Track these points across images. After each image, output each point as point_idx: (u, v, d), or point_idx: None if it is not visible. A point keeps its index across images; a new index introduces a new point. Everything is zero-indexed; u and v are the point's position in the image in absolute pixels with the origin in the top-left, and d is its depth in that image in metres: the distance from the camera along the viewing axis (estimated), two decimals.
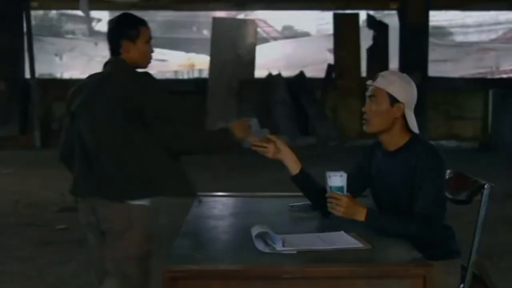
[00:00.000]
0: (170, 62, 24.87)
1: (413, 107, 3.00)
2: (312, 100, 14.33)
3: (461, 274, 3.07)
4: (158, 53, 23.51)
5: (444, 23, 26.35)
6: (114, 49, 3.37)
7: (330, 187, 2.88)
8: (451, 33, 29.39)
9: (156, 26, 30.78)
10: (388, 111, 2.98)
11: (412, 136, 3.01)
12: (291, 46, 26.49)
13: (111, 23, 3.43)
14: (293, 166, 3.14)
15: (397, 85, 2.99)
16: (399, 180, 2.97)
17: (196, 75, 23.52)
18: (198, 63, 23.32)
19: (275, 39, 29.14)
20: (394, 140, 3.02)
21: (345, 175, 2.88)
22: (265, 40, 27.28)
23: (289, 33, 31.13)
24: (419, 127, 3.04)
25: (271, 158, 3.14)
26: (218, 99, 14.15)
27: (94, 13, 28.49)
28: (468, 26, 28.03)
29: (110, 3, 16.48)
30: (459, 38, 28.91)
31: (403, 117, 2.98)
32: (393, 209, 2.98)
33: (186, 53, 25.83)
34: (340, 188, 2.86)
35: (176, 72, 24.68)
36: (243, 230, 2.78)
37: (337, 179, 2.87)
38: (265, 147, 3.15)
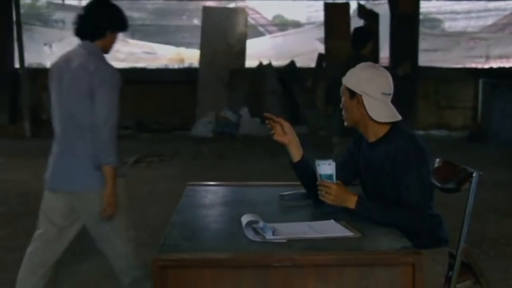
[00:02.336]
0: (159, 55, 24.76)
1: (377, 96, 2.97)
2: (303, 89, 14.32)
3: (449, 262, 3.09)
4: (147, 46, 23.15)
5: (433, 10, 26.34)
6: (357, 46, 6.29)
7: (320, 175, 2.90)
8: (441, 22, 29.39)
9: (146, 14, 30.67)
10: (350, 104, 3.03)
11: (393, 126, 3.02)
12: (282, 36, 26.45)
13: (363, 31, 6.44)
14: (296, 152, 3.16)
15: (354, 78, 3.03)
16: (381, 170, 2.99)
17: (186, 64, 23.42)
18: (187, 57, 23.20)
19: (263, 26, 29.05)
20: (372, 131, 3.04)
21: (333, 163, 2.90)
22: (255, 28, 27.20)
23: (280, 22, 31.06)
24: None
25: (276, 139, 3.14)
26: (209, 89, 14.12)
27: (84, 3, 28.39)
28: (457, 12, 28.03)
29: None
30: (448, 25, 28.92)
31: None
32: (379, 198, 2.99)
33: (176, 47, 25.74)
34: (330, 176, 2.88)
35: (166, 65, 24.60)
36: (233, 219, 2.79)
37: (326, 167, 2.89)
38: (276, 122, 3.14)
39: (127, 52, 24.06)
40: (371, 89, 2.97)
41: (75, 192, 3.57)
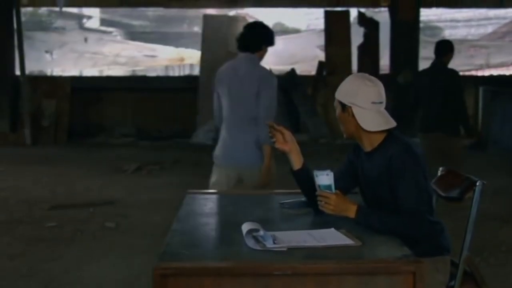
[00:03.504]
0: (159, 57, 24.81)
1: (367, 106, 2.97)
2: (303, 97, 14.33)
3: (451, 270, 3.08)
4: (147, 48, 23.10)
5: (434, 18, 26.41)
6: (440, 54, 7.13)
7: (319, 186, 2.91)
8: (441, 30, 29.45)
9: (147, 22, 30.74)
10: (343, 117, 3.05)
11: (388, 134, 3.02)
12: (282, 43, 26.47)
13: (448, 41, 7.40)
14: (297, 160, 3.16)
15: (343, 90, 3.05)
16: (378, 179, 2.99)
17: (186, 70, 23.42)
18: (187, 58, 23.25)
19: None
20: (367, 141, 3.04)
21: (331, 174, 2.90)
22: None
23: (279, 29, 31.11)
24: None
25: (277, 147, 3.14)
26: (209, 97, 14.11)
27: (85, 10, 28.43)
28: (457, 21, 28.09)
29: (100, 0, 16.44)
30: (448, 33, 28.97)
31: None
32: (378, 207, 2.99)
33: (175, 48, 25.80)
34: (328, 186, 2.89)
35: (166, 67, 24.62)
36: (233, 227, 2.78)
37: (324, 178, 2.90)
38: (277, 130, 3.14)
39: (128, 56, 24.11)
40: (360, 99, 2.98)
41: (243, 166, 4.60)
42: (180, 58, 23.94)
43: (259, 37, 4.78)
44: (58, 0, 11.63)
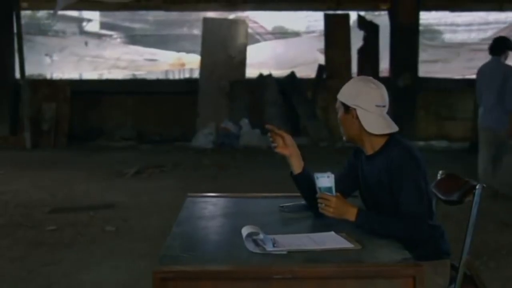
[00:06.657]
0: (160, 62, 24.80)
1: (371, 108, 2.98)
2: (303, 100, 14.33)
3: (451, 274, 3.08)
4: (148, 53, 23.00)
5: (433, 21, 26.40)
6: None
7: (319, 188, 2.90)
8: (441, 33, 29.46)
9: (147, 25, 30.77)
10: (345, 119, 3.05)
11: (389, 138, 3.02)
12: (282, 46, 26.47)
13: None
14: (297, 164, 3.16)
15: (347, 92, 3.05)
16: (379, 183, 2.99)
17: (187, 74, 23.42)
18: (188, 62, 23.24)
19: (261, 35, 29.08)
20: (369, 144, 3.04)
21: (332, 176, 2.90)
22: (256, 40, 27.27)
23: (279, 32, 31.12)
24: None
25: (277, 151, 3.14)
26: (209, 100, 14.13)
27: (85, 14, 28.46)
28: (457, 25, 28.08)
29: (101, 4, 16.44)
30: (448, 37, 28.96)
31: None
32: (378, 211, 2.99)
33: (176, 52, 25.79)
34: (329, 189, 2.88)
35: (166, 71, 24.60)
36: (233, 230, 2.78)
37: (324, 180, 2.89)
38: (277, 134, 3.13)
39: (128, 60, 24.10)
40: (364, 102, 2.98)
41: (496, 126, 7.28)
42: (180, 63, 23.93)
43: (502, 45, 7.46)
44: (57, 2, 11.56)
